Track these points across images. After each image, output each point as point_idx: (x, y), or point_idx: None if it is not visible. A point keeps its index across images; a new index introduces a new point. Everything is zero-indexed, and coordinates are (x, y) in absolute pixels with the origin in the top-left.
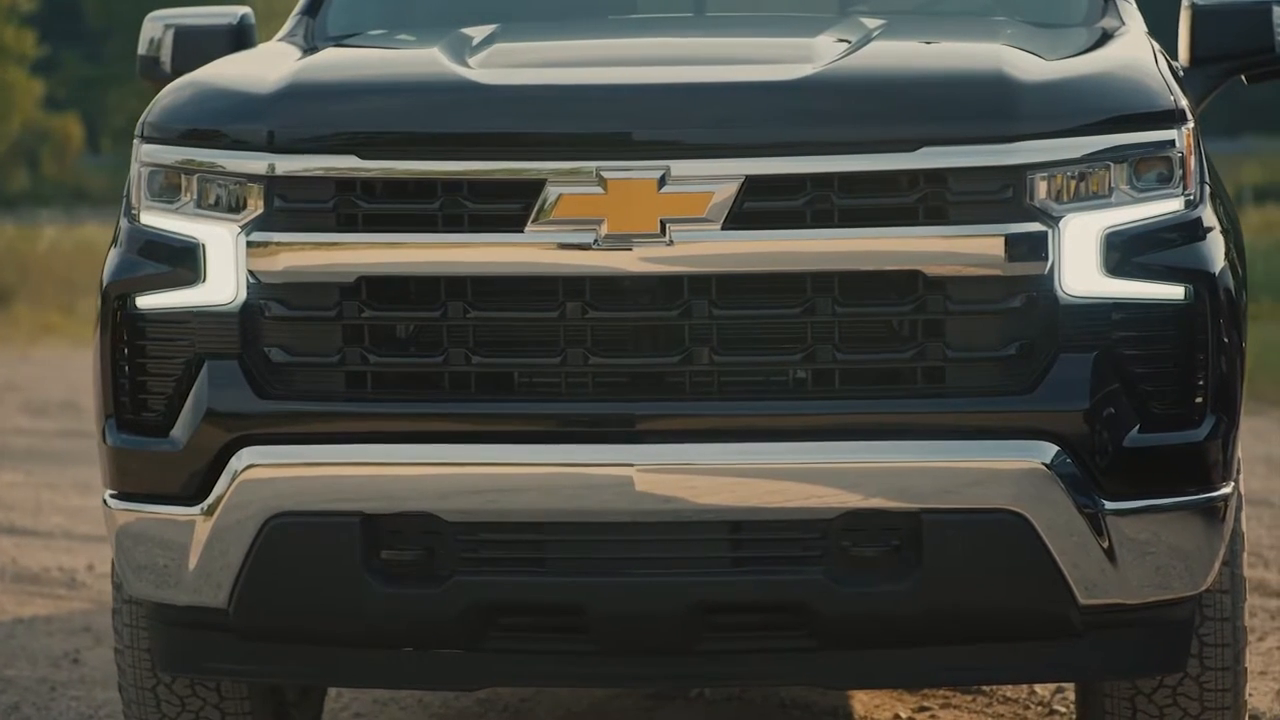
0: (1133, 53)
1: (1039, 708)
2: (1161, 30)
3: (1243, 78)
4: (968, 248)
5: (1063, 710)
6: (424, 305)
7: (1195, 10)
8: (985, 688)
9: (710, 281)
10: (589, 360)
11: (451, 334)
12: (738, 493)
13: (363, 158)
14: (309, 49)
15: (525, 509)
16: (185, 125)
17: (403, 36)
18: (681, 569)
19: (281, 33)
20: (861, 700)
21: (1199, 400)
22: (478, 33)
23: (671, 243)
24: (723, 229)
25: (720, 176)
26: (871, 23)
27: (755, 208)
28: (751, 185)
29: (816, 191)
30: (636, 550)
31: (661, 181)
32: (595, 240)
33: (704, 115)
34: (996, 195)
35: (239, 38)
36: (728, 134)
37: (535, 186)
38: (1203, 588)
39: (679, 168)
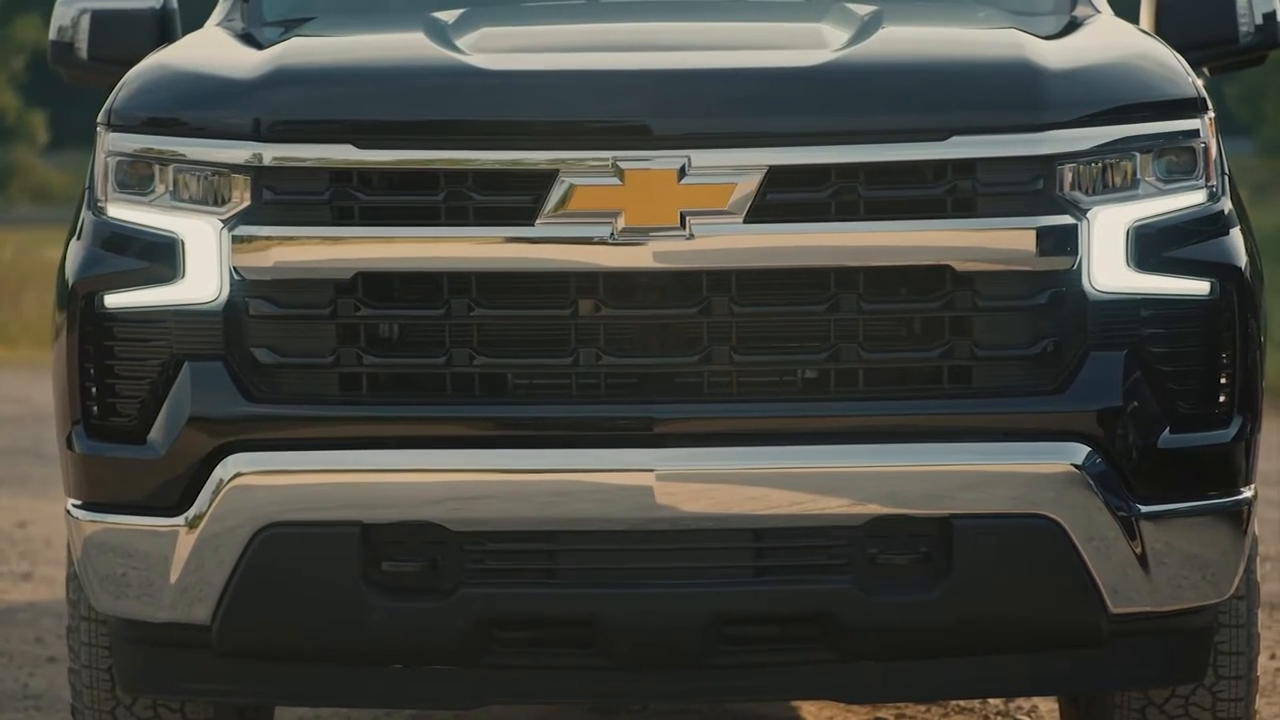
0: (1143, 40)
1: (998, 718)
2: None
3: (1205, 69)
4: (998, 241)
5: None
6: (426, 303)
7: (1158, 0)
8: None
9: (731, 277)
10: (602, 360)
11: (455, 333)
12: (760, 499)
13: (360, 147)
14: (249, 34)
15: (536, 517)
16: (157, 112)
17: (363, 21)
18: (702, 578)
19: (215, 17)
20: (811, 711)
21: (1229, 398)
22: (448, 16)
23: (692, 236)
24: (745, 222)
25: (743, 167)
26: (861, 9)
27: (778, 200)
28: (774, 176)
29: (842, 183)
30: (654, 560)
31: (682, 172)
32: (611, 234)
33: (727, 103)
34: (1027, 187)
35: (163, 23)
36: (752, 122)
37: (547, 177)
38: (1228, 594)
39: (700, 158)
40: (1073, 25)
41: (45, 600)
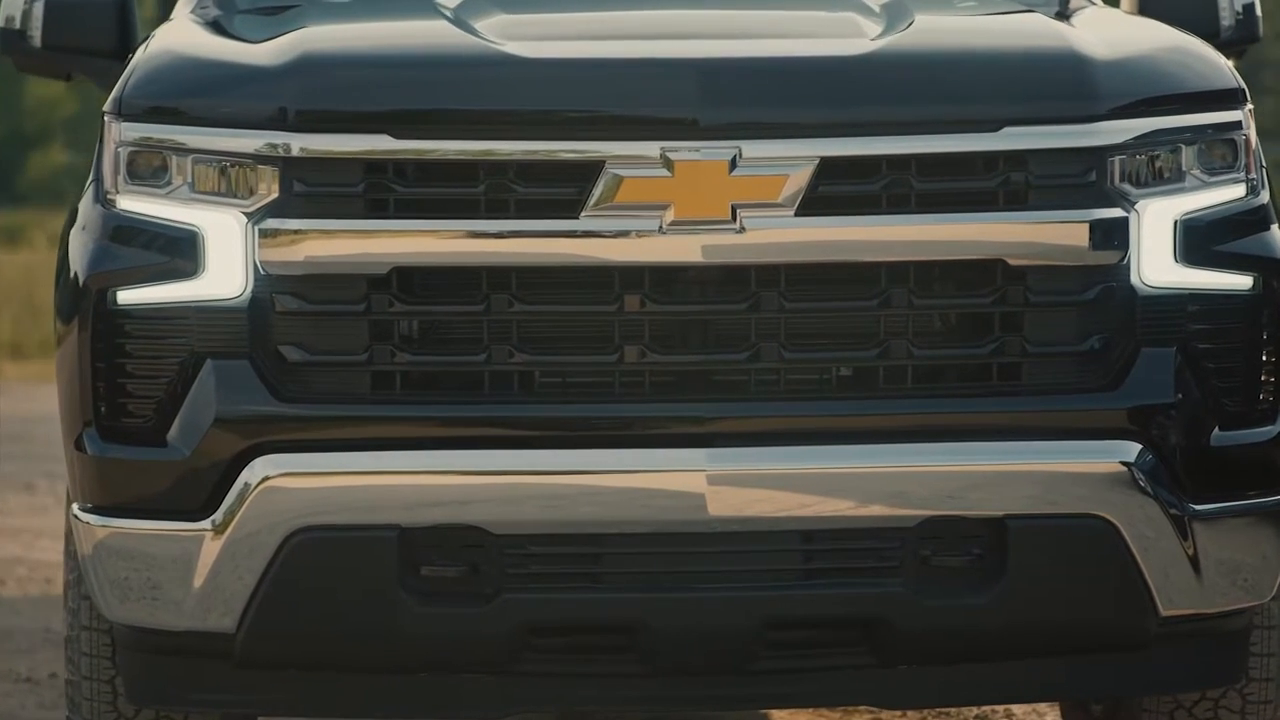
0: (1173, 31)
1: None
2: None
3: None
4: (1051, 235)
5: None
6: (464, 298)
7: None
8: None
9: (781, 272)
10: (648, 358)
11: (495, 330)
12: (811, 500)
13: (396, 137)
14: (228, 23)
15: (582, 520)
16: (174, 100)
17: (363, 8)
18: (751, 582)
19: (185, 5)
20: (782, 716)
21: (1275, 395)
22: (451, 1)
23: (742, 230)
24: (796, 215)
25: (795, 158)
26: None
27: (830, 192)
28: (826, 167)
29: (893, 175)
30: (702, 563)
31: (733, 164)
32: (660, 227)
33: (779, 93)
34: (1079, 179)
35: (121, 11)
36: (804, 113)
37: (593, 169)
38: (1269, 596)
39: (751, 149)
40: (1070, 14)
41: None
